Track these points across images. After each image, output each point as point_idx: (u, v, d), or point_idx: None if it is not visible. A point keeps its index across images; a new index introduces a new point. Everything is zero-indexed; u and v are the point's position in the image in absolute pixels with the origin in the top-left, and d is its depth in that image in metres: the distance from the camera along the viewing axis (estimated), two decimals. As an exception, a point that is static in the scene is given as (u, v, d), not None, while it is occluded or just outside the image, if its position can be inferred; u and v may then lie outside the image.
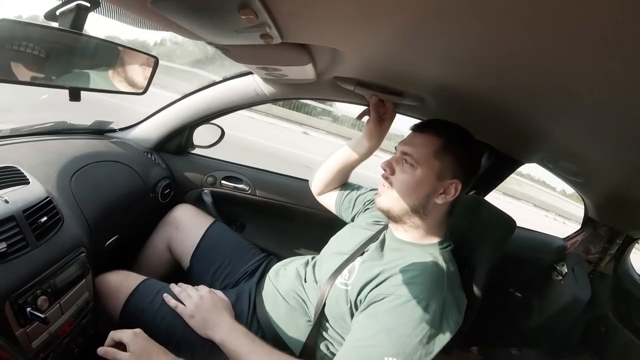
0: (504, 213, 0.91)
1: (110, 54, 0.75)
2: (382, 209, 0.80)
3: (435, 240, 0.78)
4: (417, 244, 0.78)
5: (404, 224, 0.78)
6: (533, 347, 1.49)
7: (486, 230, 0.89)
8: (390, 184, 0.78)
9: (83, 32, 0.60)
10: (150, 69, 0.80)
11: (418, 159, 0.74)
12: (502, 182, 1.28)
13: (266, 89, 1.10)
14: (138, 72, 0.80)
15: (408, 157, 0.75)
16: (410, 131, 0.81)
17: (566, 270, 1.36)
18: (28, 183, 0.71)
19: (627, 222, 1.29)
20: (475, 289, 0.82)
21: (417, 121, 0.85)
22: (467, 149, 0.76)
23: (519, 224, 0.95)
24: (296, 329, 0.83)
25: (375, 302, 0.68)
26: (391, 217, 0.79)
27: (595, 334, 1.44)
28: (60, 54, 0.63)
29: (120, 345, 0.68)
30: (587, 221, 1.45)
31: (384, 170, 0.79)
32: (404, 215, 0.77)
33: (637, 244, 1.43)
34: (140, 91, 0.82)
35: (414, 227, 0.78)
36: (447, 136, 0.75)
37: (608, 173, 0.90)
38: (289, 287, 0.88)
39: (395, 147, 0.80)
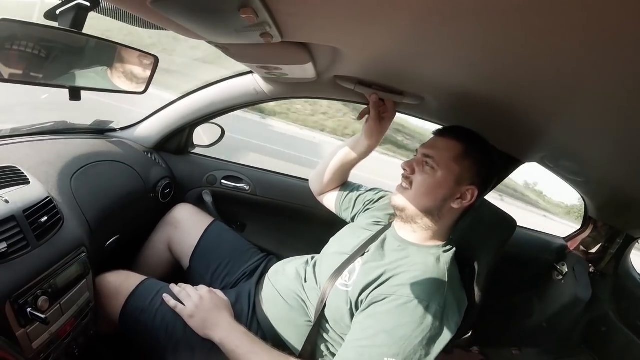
0: (505, 213, 0.91)
1: (110, 54, 0.75)
2: (397, 207, 0.80)
3: (440, 242, 0.79)
4: (420, 245, 0.78)
5: (415, 224, 0.79)
6: (534, 347, 1.49)
7: (487, 230, 0.89)
8: (410, 183, 0.79)
9: (83, 31, 0.60)
10: (150, 68, 0.80)
11: (439, 161, 0.76)
12: (502, 181, 1.28)
13: (266, 88, 1.10)
14: (138, 72, 0.80)
15: (429, 160, 0.77)
16: (433, 135, 0.83)
17: (567, 270, 1.36)
18: (28, 183, 0.71)
19: (627, 222, 1.29)
20: (476, 289, 0.81)
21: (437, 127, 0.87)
22: (485, 158, 0.78)
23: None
24: (296, 330, 0.83)
25: (376, 302, 0.68)
26: (404, 217, 0.80)
27: (596, 334, 1.44)
28: (60, 54, 0.63)
29: None
30: (587, 220, 1.45)
31: (404, 169, 0.80)
32: (417, 216, 0.78)
33: (637, 244, 1.43)
34: (141, 91, 0.82)
35: (424, 229, 0.78)
36: (468, 143, 0.77)
37: (609, 172, 0.89)
38: (289, 287, 0.88)
39: (416, 150, 0.82)
